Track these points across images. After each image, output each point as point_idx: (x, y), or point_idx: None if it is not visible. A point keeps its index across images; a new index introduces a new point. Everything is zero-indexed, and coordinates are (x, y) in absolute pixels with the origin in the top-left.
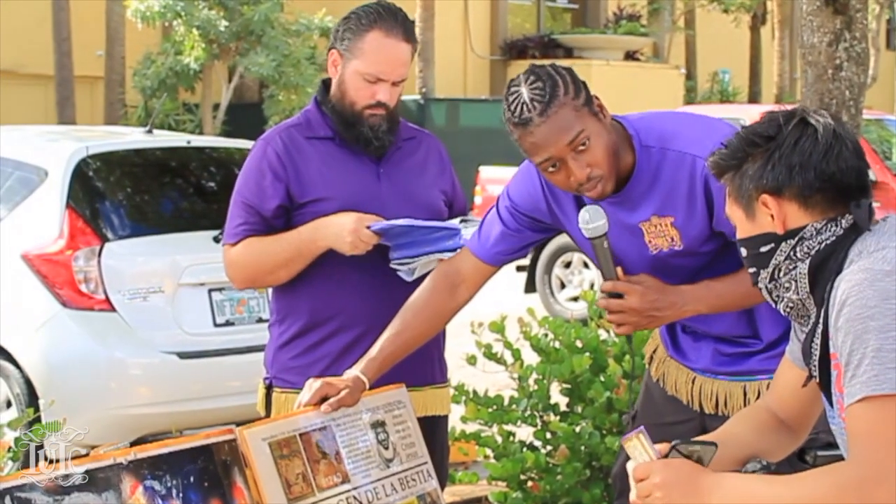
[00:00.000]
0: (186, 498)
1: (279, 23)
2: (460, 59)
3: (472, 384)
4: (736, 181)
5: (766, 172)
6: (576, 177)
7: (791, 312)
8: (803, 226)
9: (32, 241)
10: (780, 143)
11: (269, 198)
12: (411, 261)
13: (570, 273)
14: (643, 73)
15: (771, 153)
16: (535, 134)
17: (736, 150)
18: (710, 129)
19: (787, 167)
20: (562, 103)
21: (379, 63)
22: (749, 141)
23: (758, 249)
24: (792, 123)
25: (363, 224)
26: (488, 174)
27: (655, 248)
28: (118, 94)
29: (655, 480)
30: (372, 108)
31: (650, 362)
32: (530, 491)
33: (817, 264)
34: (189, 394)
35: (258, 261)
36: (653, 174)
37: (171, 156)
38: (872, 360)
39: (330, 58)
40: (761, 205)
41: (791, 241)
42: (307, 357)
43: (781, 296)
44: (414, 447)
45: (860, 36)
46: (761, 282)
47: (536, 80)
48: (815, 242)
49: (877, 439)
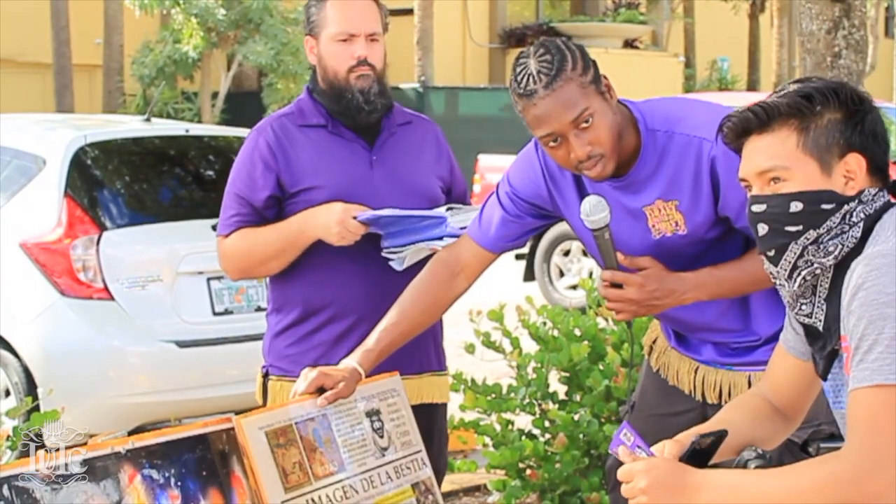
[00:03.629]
0: (184, 487)
1: (278, 11)
2: (459, 48)
3: (470, 372)
4: (816, 131)
5: (856, 133)
6: (576, 154)
7: (806, 283)
8: (863, 190)
9: (30, 230)
10: (870, 110)
11: (260, 189)
12: (400, 249)
13: (568, 261)
14: (642, 61)
15: (864, 115)
16: (538, 106)
17: (823, 98)
18: (716, 113)
19: (873, 133)
20: (568, 78)
21: (346, 20)
22: (836, 96)
23: (818, 205)
24: (867, 96)
25: (350, 214)
26: (487, 162)
27: (659, 232)
28: (116, 83)
29: (641, 485)
30: (355, 68)
31: (650, 352)
32: (529, 479)
33: (866, 231)
34: (187, 382)
35: (250, 252)
36: (658, 157)
37: (170, 144)
38: (886, 347)
39: (307, 47)
40: (843, 163)
41: (852, 203)
42: (302, 345)
43: (815, 261)
44: (408, 435)
45: (859, 24)
46: (801, 243)
47: (545, 53)
48: (870, 208)
49: (878, 428)
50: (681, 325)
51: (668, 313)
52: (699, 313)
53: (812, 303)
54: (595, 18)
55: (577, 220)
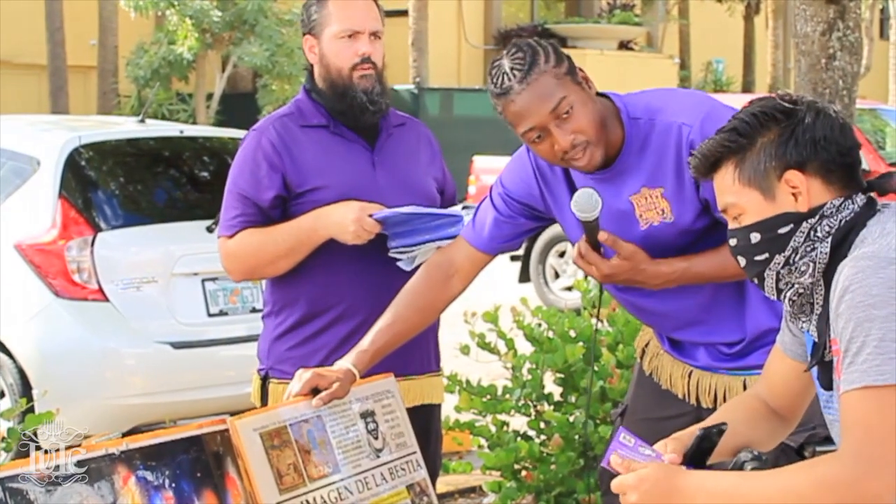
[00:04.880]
0: (179, 488)
1: (272, 12)
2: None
3: (465, 374)
4: (750, 161)
5: (790, 148)
6: (560, 145)
7: (797, 300)
8: (823, 203)
9: (25, 231)
10: (801, 119)
11: (266, 188)
12: (411, 249)
13: (563, 263)
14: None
15: (793, 128)
16: (516, 102)
17: (749, 127)
18: (695, 100)
19: (811, 141)
20: (542, 71)
21: (349, 18)
22: (765, 117)
23: (775, 231)
24: (802, 102)
25: (366, 213)
26: (482, 164)
27: (647, 222)
28: (111, 84)
29: (633, 499)
30: (358, 67)
31: (642, 356)
32: (524, 480)
33: (837, 243)
34: (182, 384)
35: (258, 252)
36: (641, 144)
37: (164, 145)
38: (874, 349)
39: (306, 46)
40: (784, 182)
41: (812, 219)
42: (305, 347)
43: (793, 282)
44: (403, 437)
45: (853, 25)
46: (773, 268)
47: (518, 51)
48: (835, 220)
49: (872, 430)
50: (643, 314)
51: (637, 303)
52: (662, 302)
53: (811, 320)
54: (590, 20)
55: (568, 220)
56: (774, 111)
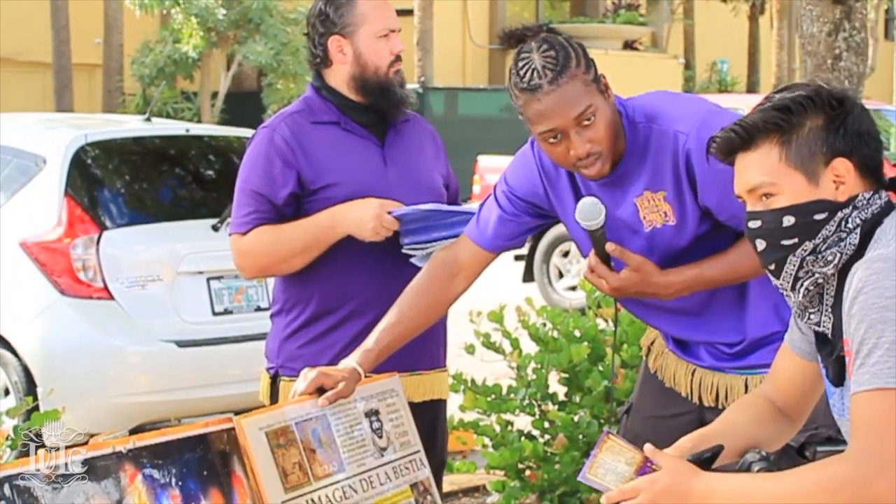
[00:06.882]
0: (185, 486)
1: (277, 11)
2: (459, 48)
3: (470, 373)
4: (797, 142)
5: (840, 136)
6: (576, 151)
7: (813, 290)
8: (856, 195)
9: (31, 229)
10: (851, 110)
11: (281, 186)
12: (425, 246)
13: (568, 262)
14: (642, 63)
15: (844, 117)
16: (542, 102)
17: (802, 108)
18: (693, 106)
19: (858, 134)
20: (573, 75)
21: (385, 17)
22: (818, 102)
23: (811, 217)
24: (847, 94)
25: (385, 210)
26: (487, 163)
27: (650, 223)
28: (116, 82)
29: (644, 499)
30: (393, 63)
31: (647, 354)
32: (528, 480)
33: (865, 235)
34: (187, 382)
35: (274, 249)
36: (641, 149)
37: (170, 144)
38: (886, 351)
39: (332, 47)
40: (830, 170)
41: (846, 209)
42: (317, 345)
43: (815, 271)
44: (407, 436)
45: (859, 26)
46: (798, 255)
47: (549, 49)
48: (866, 213)
49: (882, 432)
50: (640, 308)
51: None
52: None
53: (819, 311)
54: (595, 20)
55: (571, 218)
56: (830, 97)
